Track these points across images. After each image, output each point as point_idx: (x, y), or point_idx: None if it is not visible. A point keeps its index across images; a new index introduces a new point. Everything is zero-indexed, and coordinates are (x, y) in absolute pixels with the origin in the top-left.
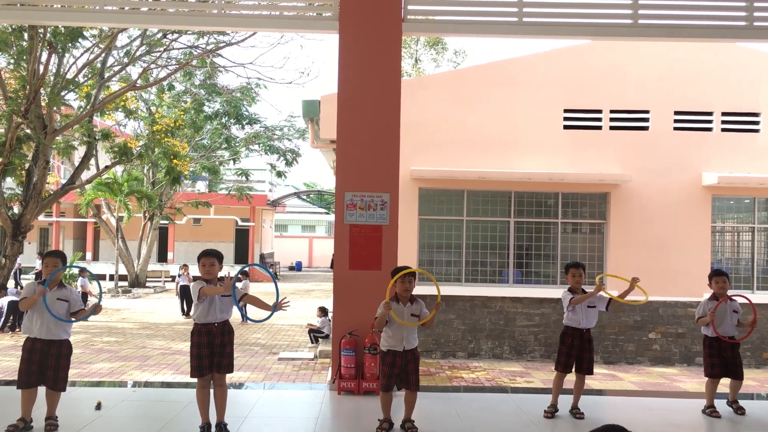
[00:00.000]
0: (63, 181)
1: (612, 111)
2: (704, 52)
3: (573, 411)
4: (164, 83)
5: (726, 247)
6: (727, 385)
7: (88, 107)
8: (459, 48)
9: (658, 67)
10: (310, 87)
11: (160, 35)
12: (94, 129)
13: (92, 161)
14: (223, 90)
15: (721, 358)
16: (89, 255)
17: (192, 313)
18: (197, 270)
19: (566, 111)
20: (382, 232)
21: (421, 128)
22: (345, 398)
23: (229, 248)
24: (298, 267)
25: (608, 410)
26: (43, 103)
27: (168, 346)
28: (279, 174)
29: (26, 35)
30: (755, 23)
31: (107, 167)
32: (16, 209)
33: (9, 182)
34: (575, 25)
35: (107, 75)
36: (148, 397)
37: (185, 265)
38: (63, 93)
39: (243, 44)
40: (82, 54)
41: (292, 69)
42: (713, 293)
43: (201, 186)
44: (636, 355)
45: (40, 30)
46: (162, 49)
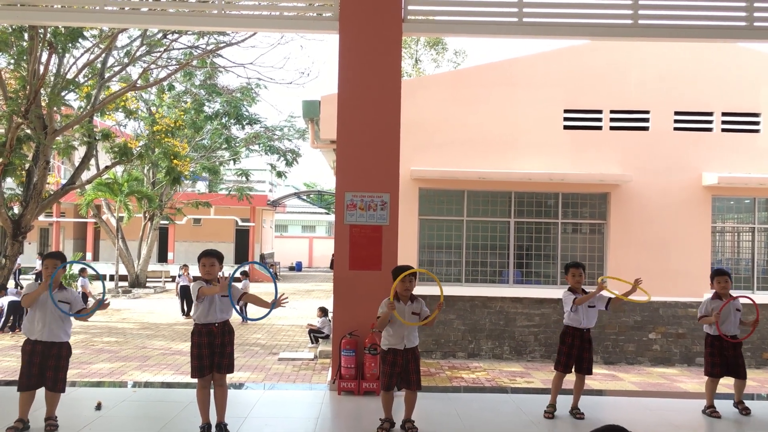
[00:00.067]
0: (63, 182)
1: (612, 111)
2: (704, 53)
3: (573, 411)
4: (164, 83)
5: (726, 248)
6: (728, 386)
7: (89, 107)
8: (459, 48)
9: (658, 68)
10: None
11: (161, 35)
12: (95, 129)
13: (92, 161)
14: (224, 90)
15: (723, 358)
16: (89, 255)
17: (192, 314)
18: (197, 270)
19: (566, 111)
20: (382, 233)
21: (422, 128)
22: (345, 398)
23: (230, 248)
24: (298, 267)
25: (608, 410)
26: (44, 104)
27: (168, 347)
28: (279, 174)
29: (26, 35)
30: (755, 23)
31: (107, 167)
32: (17, 209)
33: (9, 182)
34: (575, 26)
35: (107, 75)
36: (149, 398)
37: (185, 266)
38: (63, 93)
39: (243, 44)
40: (83, 54)
41: (293, 69)
42: (715, 292)
43: (201, 186)
44: (636, 356)
45: (41, 30)
46: (162, 50)
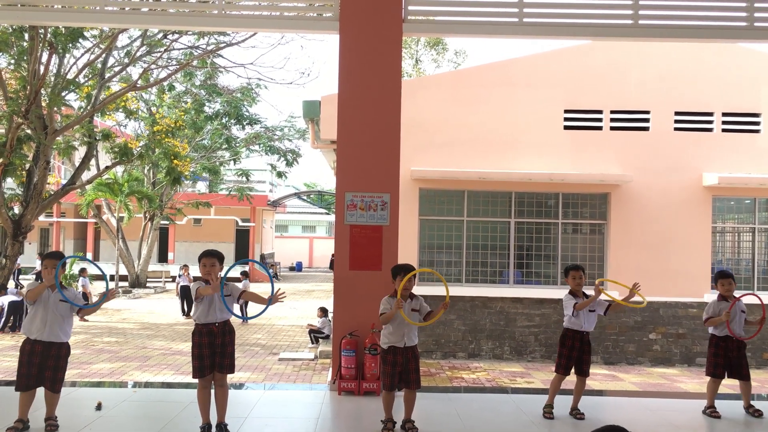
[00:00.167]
0: (63, 182)
1: (612, 111)
2: (704, 53)
3: (573, 412)
4: (165, 84)
5: (726, 248)
6: (728, 386)
7: (89, 107)
8: (459, 48)
9: (659, 68)
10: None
11: (161, 36)
12: (95, 129)
13: (93, 161)
14: (224, 90)
15: (727, 359)
16: (90, 255)
17: (192, 314)
18: (198, 270)
19: (567, 111)
20: (383, 233)
21: (422, 128)
22: (345, 399)
23: (230, 249)
24: (299, 267)
25: (609, 411)
26: (44, 104)
27: (168, 347)
28: (279, 174)
29: (27, 35)
30: (756, 24)
31: (108, 167)
32: (17, 209)
33: (9, 182)
34: (576, 26)
35: (108, 75)
36: (149, 398)
37: (185, 266)
38: (63, 93)
39: (243, 45)
40: (83, 54)
41: (293, 69)
42: (719, 294)
43: (201, 186)
44: (636, 356)
45: (41, 30)
46: (162, 50)
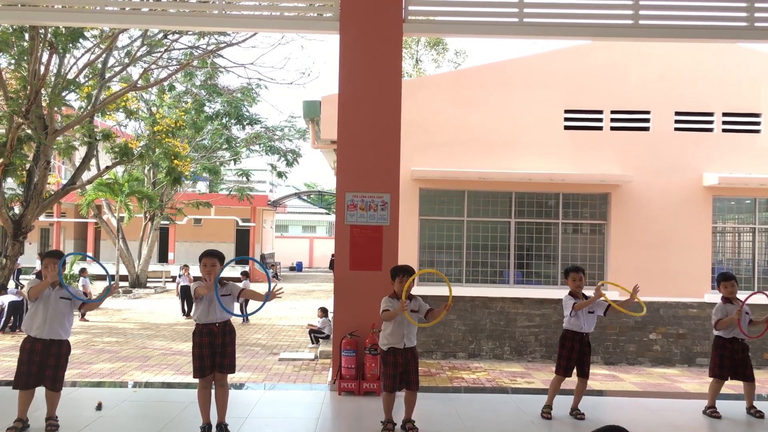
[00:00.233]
0: (64, 182)
1: (613, 111)
2: (704, 53)
3: (573, 412)
4: (165, 84)
5: (727, 248)
6: (729, 386)
7: (89, 107)
8: (460, 48)
9: (659, 68)
10: (311, 87)
11: (161, 36)
12: (95, 129)
13: (93, 162)
14: (224, 90)
15: (732, 361)
16: (90, 255)
17: (193, 314)
18: (198, 270)
19: (567, 111)
20: (383, 233)
21: (422, 129)
22: (345, 399)
23: (230, 249)
24: (299, 267)
25: (609, 411)
26: (44, 104)
27: (168, 347)
28: (280, 174)
29: (27, 36)
30: (756, 24)
31: (108, 168)
32: (17, 209)
33: (10, 182)
34: (576, 26)
35: (108, 75)
36: (149, 398)
37: (186, 266)
38: (64, 93)
39: (244, 45)
40: (83, 54)
41: (293, 69)
42: (723, 296)
43: (202, 186)
44: (637, 356)
45: (41, 30)
46: (163, 50)
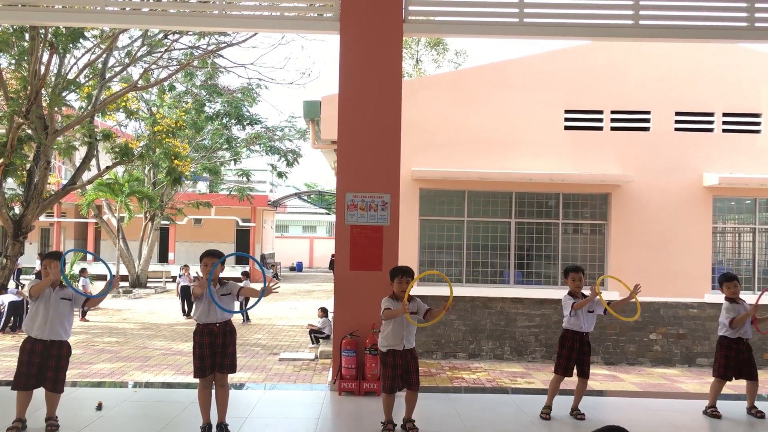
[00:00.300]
0: (64, 182)
1: (613, 111)
2: (705, 53)
3: (574, 412)
4: (165, 84)
5: (727, 248)
6: (732, 387)
7: (89, 108)
8: (460, 49)
9: (659, 68)
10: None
11: (161, 36)
12: (96, 129)
13: (93, 162)
14: (224, 90)
15: (738, 361)
16: (90, 255)
17: (193, 314)
18: (199, 270)
19: (567, 111)
20: (383, 233)
21: (422, 129)
22: (346, 399)
23: (230, 249)
24: (299, 267)
25: (609, 411)
26: (45, 104)
27: (169, 347)
28: (280, 174)
29: (27, 36)
30: (756, 24)
31: (108, 168)
32: (17, 210)
33: (10, 183)
34: (576, 26)
35: (108, 75)
36: (149, 398)
37: (186, 266)
38: (64, 93)
39: (244, 45)
40: (83, 54)
41: (293, 69)
42: (726, 297)
43: (202, 186)
44: (637, 356)
45: (41, 30)
46: (163, 50)
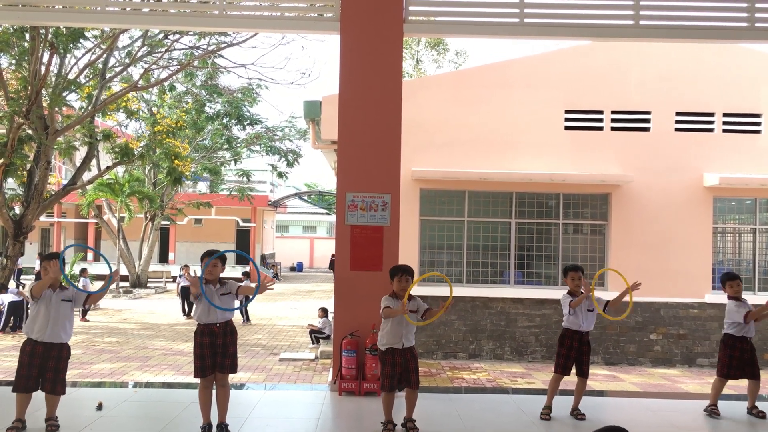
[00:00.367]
0: (64, 182)
1: (613, 112)
2: (705, 53)
3: (574, 412)
4: (165, 84)
5: (727, 248)
6: (732, 387)
7: (90, 108)
8: (460, 49)
9: (659, 68)
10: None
11: (162, 36)
12: (96, 129)
13: (94, 162)
14: (225, 91)
15: (741, 360)
16: (90, 256)
17: (193, 314)
18: (199, 270)
19: (567, 112)
20: (383, 233)
21: (423, 129)
22: (346, 399)
23: (231, 249)
24: (299, 268)
25: (609, 411)
26: (45, 104)
27: (169, 347)
28: (280, 175)
29: (28, 36)
30: (756, 24)
31: (109, 168)
32: (18, 210)
33: (10, 183)
34: (576, 26)
35: (109, 76)
36: (149, 398)
37: (186, 266)
38: (64, 93)
39: (244, 45)
40: (84, 54)
41: (294, 70)
42: (729, 296)
43: (202, 186)
44: (637, 356)
45: (42, 31)
46: (163, 50)
